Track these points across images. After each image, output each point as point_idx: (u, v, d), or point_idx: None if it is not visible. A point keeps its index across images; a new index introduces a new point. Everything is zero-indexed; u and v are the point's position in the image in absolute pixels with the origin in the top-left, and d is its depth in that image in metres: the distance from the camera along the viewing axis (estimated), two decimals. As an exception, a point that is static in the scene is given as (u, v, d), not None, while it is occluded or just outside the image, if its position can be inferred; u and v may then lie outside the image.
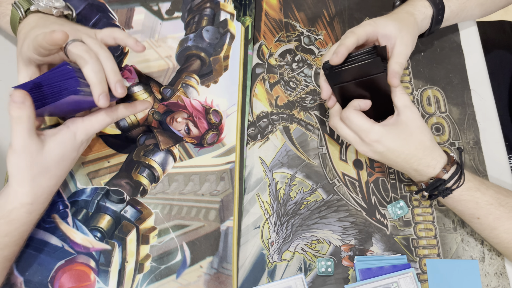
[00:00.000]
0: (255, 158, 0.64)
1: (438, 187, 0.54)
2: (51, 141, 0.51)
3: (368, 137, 0.54)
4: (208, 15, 0.72)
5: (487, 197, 0.54)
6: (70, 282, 0.57)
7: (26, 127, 0.49)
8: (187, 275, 0.57)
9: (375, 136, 0.54)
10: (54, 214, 0.60)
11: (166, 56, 0.69)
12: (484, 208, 0.53)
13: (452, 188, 0.54)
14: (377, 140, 0.54)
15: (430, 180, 0.55)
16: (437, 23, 0.62)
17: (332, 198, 0.62)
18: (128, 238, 0.59)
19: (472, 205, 0.54)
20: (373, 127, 0.54)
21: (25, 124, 0.48)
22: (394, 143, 0.54)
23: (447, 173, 0.54)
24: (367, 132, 0.54)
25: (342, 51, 0.53)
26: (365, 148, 0.55)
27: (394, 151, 0.54)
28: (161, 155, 0.64)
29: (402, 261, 0.57)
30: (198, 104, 0.66)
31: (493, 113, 0.65)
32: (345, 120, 0.55)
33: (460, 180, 0.54)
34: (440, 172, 0.54)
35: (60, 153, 0.52)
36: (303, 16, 0.72)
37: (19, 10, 0.56)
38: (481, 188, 0.54)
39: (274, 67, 0.69)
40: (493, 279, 0.57)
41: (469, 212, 0.54)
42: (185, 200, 0.61)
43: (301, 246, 0.59)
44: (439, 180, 0.54)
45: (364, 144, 0.55)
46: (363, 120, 0.54)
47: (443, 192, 0.54)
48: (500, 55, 0.86)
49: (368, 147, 0.55)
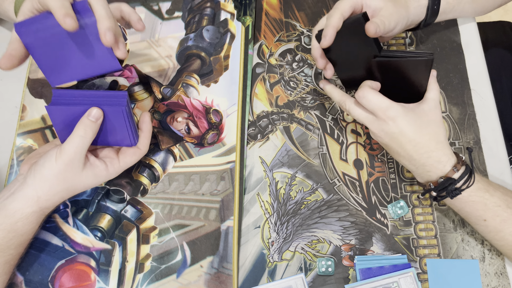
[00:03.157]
0: (256, 157, 0.64)
1: (448, 187, 0.52)
2: (89, 170, 0.53)
3: (385, 114, 0.52)
4: (208, 15, 0.72)
5: (495, 198, 0.53)
6: (71, 281, 0.57)
7: (85, 145, 0.51)
8: (187, 274, 0.57)
9: (393, 113, 0.52)
10: (55, 213, 0.60)
11: (166, 56, 0.69)
12: (491, 209, 0.52)
13: (461, 188, 0.52)
14: (393, 118, 0.52)
15: (440, 179, 0.53)
16: (433, 15, 0.61)
17: (332, 197, 0.62)
18: (129, 238, 0.59)
19: (480, 207, 0.53)
20: (393, 104, 0.52)
21: (87, 141, 0.51)
22: (409, 127, 0.52)
23: (458, 172, 0.52)
24: (386, 109, 0.52)
25: (330, 33, 0.53)
26: (378, 127, 0.53)
27: (406, 135, 0.52)
28: (162, 155, 0.64)
29: (403, 261, 0.57)
30: (198, 103, 0.66)
31: (493, 113, 0.66)
32: (362, 99, 0.53)
33: (470, 180, 0.52)
34: (451, 170, 0.52)
35: (91, 184, 0.54)
36: (304, 15, 0.72)
37: None
38: (489, 189, 0.53)
39: (275, 67, 0.69)
40: (493, 279, 0.57)
41: (477, 213, 0.53)
42: (186, 200, 0.61)
43: (302, 246, 0.59)
44: (449, 179, 0.52)
45: (377, 121, 0.53)
46: (382, 98, 0.52)
47: (452, 193, 0.52)
48: (501, 55, 0.86)
49: (381, 125, 0.53)
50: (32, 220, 0.51)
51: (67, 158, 0.50)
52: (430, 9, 0.60)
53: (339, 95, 0.58)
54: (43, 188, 0.51)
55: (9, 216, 0.50)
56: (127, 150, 0.56)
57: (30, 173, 0.51)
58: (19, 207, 0.50)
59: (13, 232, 0.50)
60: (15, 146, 0.64)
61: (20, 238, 0.51)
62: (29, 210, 0.51)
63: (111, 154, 0.56)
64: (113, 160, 0.55)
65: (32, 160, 0.55)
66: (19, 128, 0.65)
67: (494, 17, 1.05)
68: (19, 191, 0.51)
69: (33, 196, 0.51)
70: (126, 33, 0.71)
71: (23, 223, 0.51)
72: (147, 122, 0.57)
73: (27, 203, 0.51)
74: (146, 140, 0.57)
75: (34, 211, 0.51)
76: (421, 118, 0.53)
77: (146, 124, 0.57)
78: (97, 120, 0.51)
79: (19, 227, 0.51)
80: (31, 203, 0.51)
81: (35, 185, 0.51)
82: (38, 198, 0.51)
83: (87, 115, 0.51)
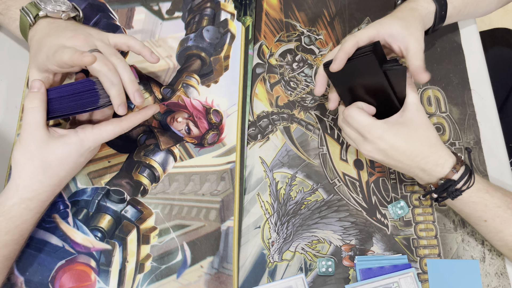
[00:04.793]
0: (256, 158, 0.64)
1: (448, 188, 0.52)
2: (57, 140, 0.52)
3: (370, 134, 0.53)
4: (208, 15, 0.72)
5: (495, 199, 0.53)
6: (71, 282, 0.57)
7: (36, 118, 0.51)
8: (187, 275, 0.57)
9: (377, 132, 0.52)
10: (55, 214, 0.60)
11: (166, 56, 0.69)
12: (492, 210, 0.52)
13: (462, 189, 0.52)
14: (379, 136, 0.52)
15: (439, 181, 0.53)
16: (441, 20, 0.61)
17: (332, 198, 0.62)
18: (129, 238, 0.59)
19: (480, 207, 0.53)
20: (375, 122, 0.53)
21: (36, 114, 0.51)
22: (397, 139, 0.52)
23: (457, 173, 0.52)
24: (369, 128, 0.53)
25: (341, 57, 0.52)
26: (368, 147, 0.54)
27: (398, 148, 0.52)
28: (162, 155, 0.64)
29: (403, 261, 0.57)
30: (198, 104, 0.66)
31: (493, 113, 0.65)
32: (347, 117, 0.54)
33: (470, 180, 0.52)
34: (450, 172, 0.52)
35: (63, 153, 0.52)
36: (304, 16, 0.72)
37: (28, 16, 0.56)
38: (489, 190, 0.53)
39: (275, 67, 0.69)
40: (494, 279, 0.57)
41: (477, 214, 0.53)
42: (186, 200, 0.61)
43: (302, 246, 0.59)
44: (449, 181, 0.52)
45: (367, 142, 0.54)
46: (364, 116, 0.53)
47: (453, 194, 0.52)
48: (502, 54, 0.86)
49: (371, 145, 0.53)
50: (14, 215, 0.50)
51: (25, 133, 0.50)
52: (438, 15, 0.60)
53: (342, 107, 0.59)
54: (19, 174, 0.51)
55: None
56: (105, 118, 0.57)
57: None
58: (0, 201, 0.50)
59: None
60: (15, 146, 0.64)
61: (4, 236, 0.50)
62: (9, 202, 0.50)
63: (85, 124, 0.55)
64: (86, 127, 0.54)
65: None
66: (19, 128, 0.65)
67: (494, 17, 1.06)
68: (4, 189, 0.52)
69: (12, 186, 0.51)
70: (126, 33, 0.71)
71: (5, 218, 0.50)
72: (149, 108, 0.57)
73: (7, 195, 0.50)
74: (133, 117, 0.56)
75: (14, 203, 0.50)
76: (407, 127, 0.53)
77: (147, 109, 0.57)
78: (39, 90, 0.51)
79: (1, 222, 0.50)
80: (11, 194, 0.50)
81: (14, 175, 0.51)
82: (17, 187, 0.50)
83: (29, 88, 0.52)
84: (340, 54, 0.52)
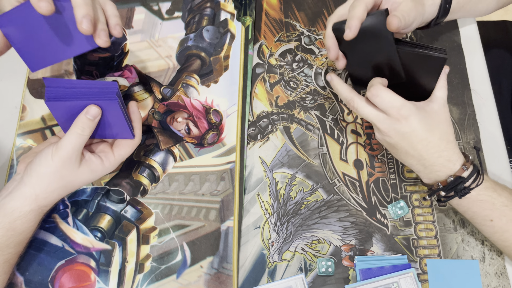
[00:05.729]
0: (256, 158, 0.64)
1: (457, 186, 0.52)
2: (85, 166, 0.53)
3: (399, 113, 0.51)
4: (208, 15, 0.72)
5: (502, 198, 0.52)
6: (71, 282, 0.57)
7: (80, 145, 0.51)
8: (187, 275, 0.57)
9: (406, 112, 0.51)
10: (54, 214, 0.60)
11: (166, 56, 0.69)
12: (499, 209, 0.52)
13: (471, 187, 0.52)
14: (406, 117, 0.51)
15: (449, 178, 0.52)
16: (444, 13, 0.60)
17: (332, 198, 0.62)
18: (129, 238, 0.59)
19: (488, 206, 0.53)
20: (406, 103, 0.51)
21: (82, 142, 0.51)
22: (421, 126, 0.51)
23: (467, 171, 0.52)
24: (399, 107, 0.51)
25: (355, 24, 0.51)
26: (388, 126, 0.52)
27: (418, 134, 0.51)
28: (162, 155, 0.64)
29: (403, 261, 0.57)
30: (198, 104, 0.66)
31: (493, 113, 0.65)
32: (375, 97, 0.52)
33: (478, 178, 0.52)
34: (460, 169, 0.52)
35: (89, 179, 0.54)
36: (304, 15, 0.72)
37: None
38: (497, 189, 0.53)
39: (275, 67, 0.69)
40: (494, 279, 0.57)
41: (484, 213, 0.53)
42: (186, 200, 0.61)
43: (302, 246, 0.59)
44: (459, 178, 0.52)
45: (389, 119, 0.52)
46: (395, 96, 0.51)
47: (461, 192, 0.52)
48: (502, 54, 0.86)
49: (393, 124, 0.52)
50: (30, 219, 0.51)
51: (63, 156, 0.50)
52: (443, 8, 0.59)
53: (347, 91, 0.55)
54: (41, 186, 0.51)
55: (7, 215, 0.50)
56: (121, 142, 0.56)
57: (27, 172, 0.52)
58: (17, 205, 0.50)
59: (12, 230, 0.50)
60: (15, 147, 0.64)
61: (19, 236, 0.51)
62: (27, 208, 0.51)
63: (105, 149, 0.56)
64: (108, 154, 0.55)
65: (28, 159, 0.55)
66: (19, 128, 0.65)
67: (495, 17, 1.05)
68: (17, 190, 0.51)
69: (31, 195, 0.51)
70: (126, 33, 0.71)
71: (22, 221, 0.51)
72: (135, 112, 0.57)
73: (25, 202, 0.51)
74: (138, 130, 0.56)
75: (32, 209, 0.51)
76: (432, 117, 0.53)
77: (135, 113, 0.57)
78: (95, 119, 0.51)
79: (18, 225, 0.51)
80: (29, 201, 0.51)
81: (33, 183, 0.51)
82: (36, 197, 0.51)
83: (85, 112, 0.51)
84: (353, 21, 0.52)
